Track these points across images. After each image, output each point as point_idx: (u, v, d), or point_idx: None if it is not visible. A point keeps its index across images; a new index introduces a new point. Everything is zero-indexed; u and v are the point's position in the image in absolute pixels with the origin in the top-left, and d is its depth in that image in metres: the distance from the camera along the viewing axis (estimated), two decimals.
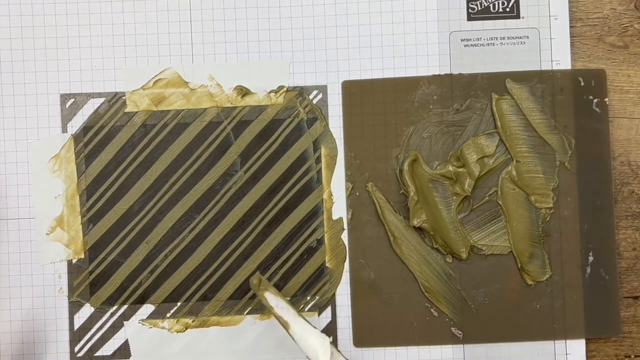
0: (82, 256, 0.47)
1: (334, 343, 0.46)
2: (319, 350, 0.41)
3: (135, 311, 0.47)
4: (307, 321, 0.42)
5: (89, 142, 0.47)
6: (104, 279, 0.47)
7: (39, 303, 0.46)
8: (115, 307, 0.47)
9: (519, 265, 0.47)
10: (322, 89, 0.47)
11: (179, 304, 0.47)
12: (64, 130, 0.47)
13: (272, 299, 0.42)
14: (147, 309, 0.47)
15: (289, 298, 0.47)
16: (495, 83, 0.47)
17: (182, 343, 0.46)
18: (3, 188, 0.47)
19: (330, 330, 0.46)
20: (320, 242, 0.47)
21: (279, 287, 0.47)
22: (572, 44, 0.48)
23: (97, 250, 0.47)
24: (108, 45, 0.47)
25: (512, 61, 0.47)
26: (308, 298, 0.47)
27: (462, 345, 0.47)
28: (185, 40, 0.47)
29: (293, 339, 0.41)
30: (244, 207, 0.47)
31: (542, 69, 0.47)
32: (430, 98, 0.47)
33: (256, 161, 0.47)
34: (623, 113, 0.48)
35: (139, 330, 0.47)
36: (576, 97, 0.47)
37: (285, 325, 0.42)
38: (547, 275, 0.47)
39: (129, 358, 0.47)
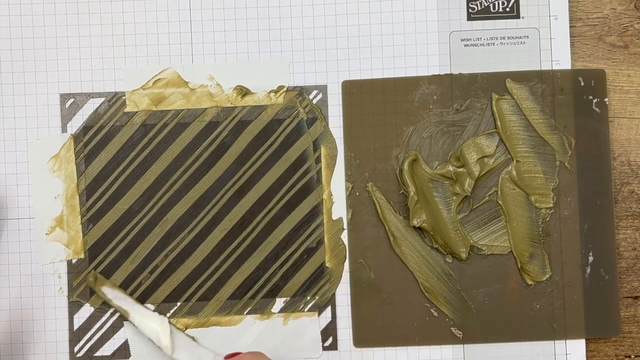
0: (82, 256, 0.47)
1: (334, 343, 0.46)
2: (159, 331, 0.44)
3: None
4: (145, 307, 0.45)
5: (88, 142, 0.47)
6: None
7: (39, 303, 0.46)
8: None
9: (519, 265, 0.47)
10: (322, 89, 0.47)
11: (179, 304, 0.47)
12: (64, 130, 0.47)
13: (109, 292, 0.45)
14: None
15: (288, 298, 0.47)
16: (495, 83, 0.47)
17: None
18: (3, 188, 0.47)
19: (330, 330, 0.46)
20: (320, 242, 0.47)
21: (279, 287, 0.47)
22: (572, 44, 0.48)
23: (97, 250, 0.47)
24: (108, 45, 0.47)
25: (512, 61, 0.47)
26: (308, 298, 0.47)
27: (462, 345, 0.47)
28: (185, 40, 0.47)
29: (134, 325, 0.45)
30: (244, 207, 0.47)
31: (542, 69, 0.47)
32: (430, 98, 0.47)
33: (256, 161, 0.47)
34: (623, 113, 0.48)
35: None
36: (576, 97, 0.47)
37: (125, 314, 0.45)
38: (547, 275, 0.47)
39: (128, 358, 0.46)
